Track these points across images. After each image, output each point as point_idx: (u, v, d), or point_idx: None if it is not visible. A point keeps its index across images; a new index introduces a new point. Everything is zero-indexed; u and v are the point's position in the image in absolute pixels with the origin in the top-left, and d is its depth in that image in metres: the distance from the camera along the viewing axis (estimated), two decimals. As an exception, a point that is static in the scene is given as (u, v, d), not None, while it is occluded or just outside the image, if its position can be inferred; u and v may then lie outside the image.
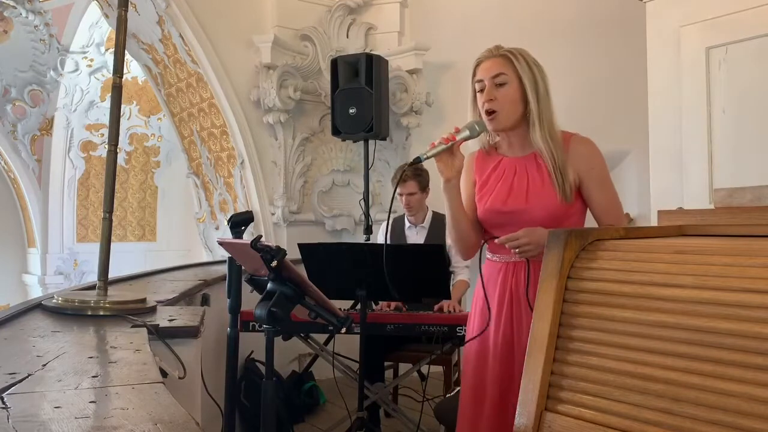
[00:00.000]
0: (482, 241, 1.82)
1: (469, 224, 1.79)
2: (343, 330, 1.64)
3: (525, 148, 1.77)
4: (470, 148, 1.88)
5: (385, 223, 3.66)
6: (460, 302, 3.46)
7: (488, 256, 1.82)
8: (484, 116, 1.73)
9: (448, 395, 2.77)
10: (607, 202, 1.75)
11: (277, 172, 4.71)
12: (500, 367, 1.71)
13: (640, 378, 0.87)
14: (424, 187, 3.37)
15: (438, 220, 3.44)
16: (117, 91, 1.78)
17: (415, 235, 3.43)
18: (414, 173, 3.31)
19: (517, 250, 1.65)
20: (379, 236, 3.67)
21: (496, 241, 1.70)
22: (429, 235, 3.39)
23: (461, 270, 3.35)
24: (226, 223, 2.05)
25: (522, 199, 1.72)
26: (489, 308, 1.75)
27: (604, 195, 1.74)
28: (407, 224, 3.48)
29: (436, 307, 3.06)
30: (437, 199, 3.64)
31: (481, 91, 1.73)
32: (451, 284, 3.13)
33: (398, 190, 3.37)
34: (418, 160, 1.67)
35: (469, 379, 1.80)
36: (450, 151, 1.68)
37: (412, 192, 3.32)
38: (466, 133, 1.69)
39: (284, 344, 1.84)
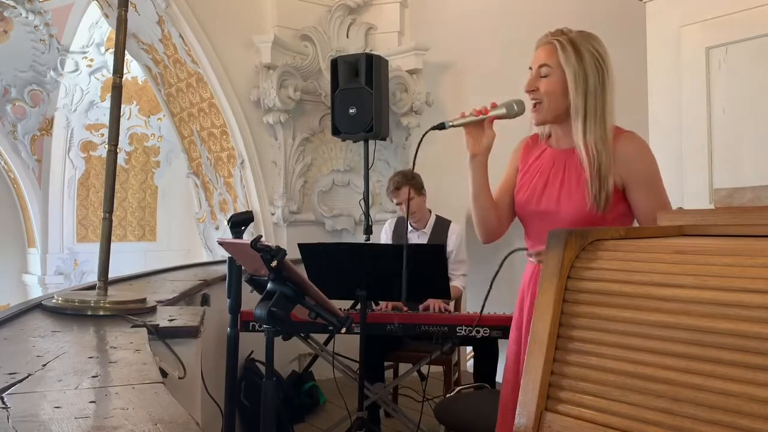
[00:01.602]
0: (505, 231, 1.75)
1: (491, 205, 1.70)
2: (343, 330, 1.64)
3: (570, 141, 1.64)
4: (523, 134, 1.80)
5: (387, 223, 3.67)
6: (456, 303, 3.47)
7: (527, 257, 1.73)
8: (529, 106, 1.64)
9: (448, 395, 2.77)
10: (656, 209, 1.52)
11: (277, 172, 4.71)
12: None
13: (640, 378, 0.87)
14: (419, 190, 3.36)
15: (441, 225, 3.43)
16: (117, 91, 1.78)
17: (417, 239, 3.43)
18: (405, 179, 3.30)
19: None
20: (382, 236, 3.66)
21: (525, 254, 1.64)
22: (431, 240, 3.39)
23: (457, 277, 3.35)
24: (226, 223, 2.05)
25: (553, 200, 1.62)
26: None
27: (651, 201, 1.57)
28: (410, 228, 3.47)
29: (421, 306, 3.06)
30: (438, 203, 3.66)
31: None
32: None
33: (395, 200, 3.37)
34: (442, 126, 1.56)
35: (512, 377, 1.70)
36: (480, 125, 1.60)
37: (410, 197, 3.31)
38: (502, 110, 1.59)
39: (284, 344, 1.83)
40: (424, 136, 1.67)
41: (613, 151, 1.57)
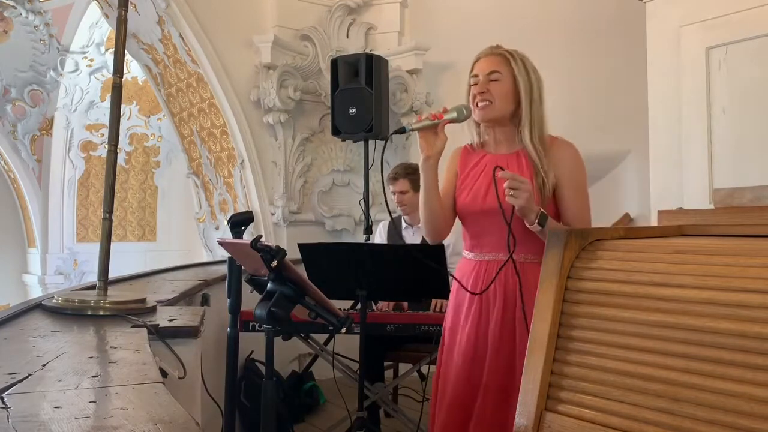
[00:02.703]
0: (449, 231, 1.87)
1: (440, 207, 1.81)
2: (343, 330, 1.64)
3: (510, 146, 1.80)
4: (459, 143, 1.92)
5: (382, 223, 3.66)
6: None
7: (464, 254, 1.85)
8: (473, 108, 1.77)
9: (448, 395, 2.76)
10: (579, 209, 1.74)
11: (277, 172, 4.71)
12: (469, 365, 1.73)
13: (640, 378, 0.87)
14: (417, 187, 3.36)
15: None
16: (117, 91, 1.78)
17: (412, 236, 3.43)
18: (405, 172, 3.32)
19: (511, 192, 1.60)
20: (376, 238, 3.66)
21: (498, 174, 1.65)
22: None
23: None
24: (226, 223, 2.05)
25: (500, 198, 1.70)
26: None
27: (576, 202, 1.74)
28: (404, 225, 3.47)
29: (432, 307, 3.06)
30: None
31: (475, 84, 1.77)
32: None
33: (390, 188, 3.37)
34: (403, 130, 1.70)
35: (441, 374, 1.84)
36: (434, 129, 1.71)
37: (404, 190, 3.32)
38: (453, 114, 1.71)
39: (284, 344, 1.83)
40: (388, 138, 1.86)
41: (549, 154, 1.73)
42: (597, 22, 4.07)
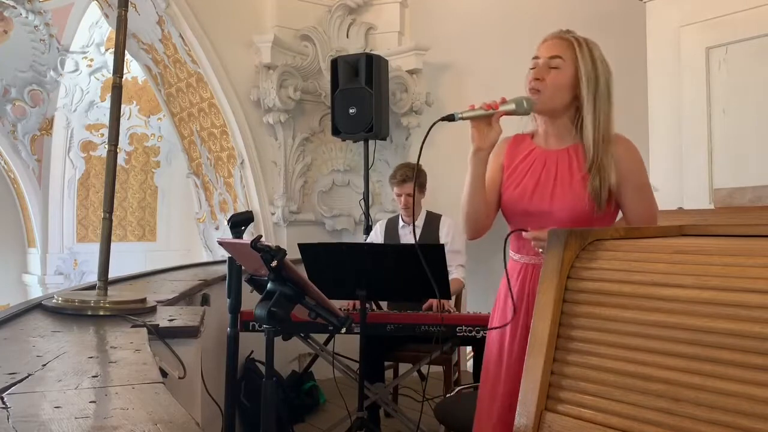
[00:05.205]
0: (490, 227, 1.74)
1: (484, 202, 1.69)
2: (343, 330, 1.64)
3: (561, 141, 1.67)
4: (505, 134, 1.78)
5: (378, 223, 3.66)
6: (457, 301, 3.46)
7: (511, 255, 1.73)
8: (528, 93, 1.63)
9: (448, 395, 2.77)
10: (644, 210, 1.61)
11: (277, 172, 4.71)
12: (515, 366, 1.64)
13: (640, 378, 0.87)
14: (421, 187, 3.36)
15: (431, 219, 3.43)
16: (117, 91, 1.78)
17: (409, 234, 3.42)
18: (413, 175, 3.30)
19: (541, 250, 1.56)
20: (372, 236, 3.66)
21: (524, 234, 1.60)
22: (422, 234, 3.38)
23: (455, 269, 3.33)
24: (226, 223, 2.05)
25: (546, 200, 1.62)
26: (514, 305, 1.66)
27: (641, 203, 1.61)
28: (401, 223, 3.47)
29: (424, 306, 3.05)
30: (433, 200, 3.65)
31: (534, 67, 1.64)
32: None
33: (396, 191, 3.37)
34: (451, 118, 1.52)
35: (489, 375, 1.74)
36: (488, 119, 1.56)
37: (411, 193, 3.32)
38: (512, 106, 1.55)
39: (284, 344, 1.83)
40: (432, 126, 1.59)
41: (610, 152, 1.60)
42: (597, 21, 4.06)
